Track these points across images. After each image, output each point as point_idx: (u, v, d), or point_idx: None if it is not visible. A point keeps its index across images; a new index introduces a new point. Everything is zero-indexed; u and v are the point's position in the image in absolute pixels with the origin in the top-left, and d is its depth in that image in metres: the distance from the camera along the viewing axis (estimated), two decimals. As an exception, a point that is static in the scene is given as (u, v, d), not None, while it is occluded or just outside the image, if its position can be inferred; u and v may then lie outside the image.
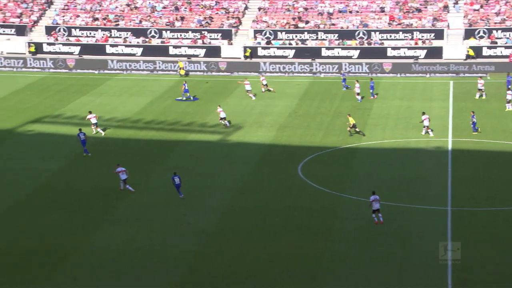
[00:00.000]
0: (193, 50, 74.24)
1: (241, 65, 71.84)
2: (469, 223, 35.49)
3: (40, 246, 33.56)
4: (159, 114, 56.27)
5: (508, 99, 55.42)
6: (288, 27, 75.71)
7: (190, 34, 76.05)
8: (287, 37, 74.78)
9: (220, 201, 38.82)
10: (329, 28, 75.04)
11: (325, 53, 72.38)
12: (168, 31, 76.52)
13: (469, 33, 72.42)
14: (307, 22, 76.09)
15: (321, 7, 78.10)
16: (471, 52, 69.70)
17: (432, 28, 73.41)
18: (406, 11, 76.25)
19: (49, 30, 78.65)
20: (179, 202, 38.43)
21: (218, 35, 75.77)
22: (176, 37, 76.30)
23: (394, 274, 30.71)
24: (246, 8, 79.93)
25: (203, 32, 75.83)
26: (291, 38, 74.61)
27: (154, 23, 78.05)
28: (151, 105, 59.31)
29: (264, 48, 73.55)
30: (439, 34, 72.65)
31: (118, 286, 30.30)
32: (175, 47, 74.63)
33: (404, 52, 71.34)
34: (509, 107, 55.26)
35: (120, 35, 76.98)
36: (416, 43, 72.20)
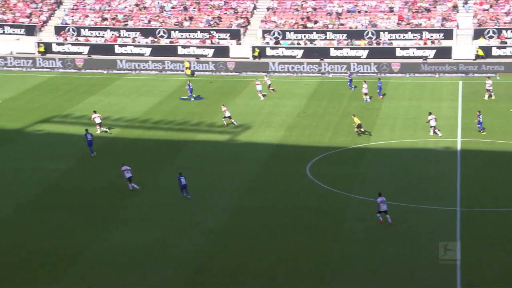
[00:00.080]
0: (201, 50, 74.30)
1: (249, 65, 71.83)
2: (478, 224, 35.36)
3: (49, 245, 33.65)
4: (167, 114, 56.33)
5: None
6: (297, 27, 75.66)
7: (199, 34, 76.11)
8: (296, 37, 74.73)
9: (228, 201, 38.82)
10: (337, 28, 74.95)
11: (333, 53, 72.32)
12: (177, 31, 76.61)
13: (478, 33, 72.21)
14: (315, 22, 76.03)
15: (329, 7, 78.01)
16: (481, 52, 69.48)
17: (441, 28, 73.21)
18: (415, 11, 76.08)
19: (58, 30, 78.93)
20: (188, 202, 38.45)
21: (226, 35, 75.80)
22: (184, 37, 76.38)
23: (403, 274, 30.64)
24: (255, 8, 79.92)
25: (212, 32, 75.88)
26: (299, 38, 74.56)
27: (163, 23, 78.15)
28: (159, 105, 59.38)
29: (272, 48, 73.52)
30: (448, 34, 72.45)
31: (126, 285, 30.36)
32: (184, 47, 74.71)
33: (413, 52, 71.18)
34: (518, 107, 55.16)
35: (129, 35, 77.14)
36: (425, 43, 72.02)
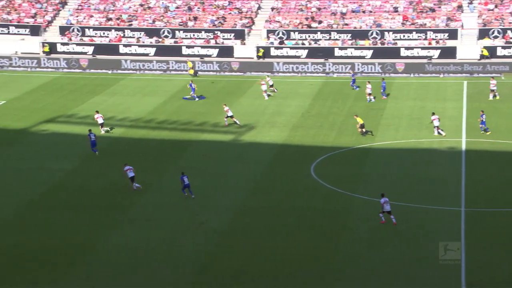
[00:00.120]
0: (206, 50, 74.30)
1: (254, 65, 71.81)
2: (483, 224, 35.29)
3: (53, 245, 33.72)
4: (172, 114, 56.37)
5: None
6: (301, 27, 75.62)
7: (203, 34, 76.12)
8: (300, 37, 74.69)
9: (232, 201, 38.83)
10: (342, 28, 74.88)
11: (338, 53, 72.24)
12: (181, 31, 76.62)
13: (483, 33, 72.05)
14: (320, 22, 75.98)
15: (334, 7, 77.95)
16: (485, 52, 69.34)
17: (446, 28, 73.08)
18: (420, 11, 75.96)
19: (63, 30, 79.00)
20: (192, 202, 38.48)
21: (231, 35, 75.80)
22: (189, 37, 76.40)
23: (407, 274, 30.60)
24: (259, 8, 79.91)
25: (216, 32, 75.88)
26: (304, 38, 74.52)
27: (167, 23, 78.19)
28: (164, 105, 59.42)
29: (277, 48, 73.50)
30: (453, 34, 72.31)
31: (130, 285, 30.39)
32: (188, 47, 74.73)
33: (417, 52, 71.06)
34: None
35: (133, 35, 77.19)
36: (429, 43, 71.91)
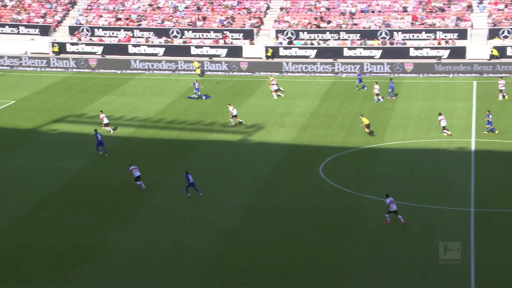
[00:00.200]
0: (214, 50, 74.33)
1: (262, 65, 71.79)
2: (492, 225, 35.16)
3: (63, 245, 33.79)
4: (180, 113, 56.43)
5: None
6: (310, 27, 75.55)
7: (212, 34, 76.16)
8: (309, 37, 74.62)
9: (241, 201, 38.84)
10: (351, 28, 74.77)
11: (347, 53, 72.13)
12: (190, 31, 76.70)
13: (493, 33, 71.80)
14: (329, 22, 75.89)
15: (343, 7, 77.85)
16: (495, 52, 69.08)
17: (456, 28, 72.84)
18: (429, 11, 75.75)
19: (72, 30, 79.24)
20: (201, 202, 38.50)
21: (240, 35, 75.81)
22: (198, 37, 76.46)
23: (416, 275, 30.51)
24: (268, 8, 79.89)
25: (225, 32, 75.91)
26: (313, 38, 74.44)
27: (176, 23, 78.28)
28: (172, 105, 59.49)
29: (286, 48, 73.45)
30: (462, 34, 72.06)
31: (139, 284, 30.44)
32: (197, 47, 74.79)
33: (427, 52, 70.85)
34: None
35: (142, 35, 77.33)
36: (439, 43, 71.70)
